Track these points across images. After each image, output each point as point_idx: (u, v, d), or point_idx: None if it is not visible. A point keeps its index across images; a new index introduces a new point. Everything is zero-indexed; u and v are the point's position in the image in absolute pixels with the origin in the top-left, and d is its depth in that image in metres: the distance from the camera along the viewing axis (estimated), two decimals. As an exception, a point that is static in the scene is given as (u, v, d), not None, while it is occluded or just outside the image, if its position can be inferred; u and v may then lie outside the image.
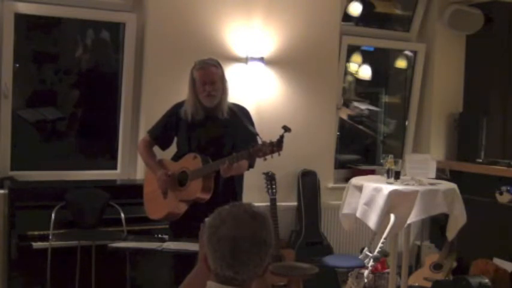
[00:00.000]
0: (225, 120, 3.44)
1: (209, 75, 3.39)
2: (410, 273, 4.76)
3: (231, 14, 4.71)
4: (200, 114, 3.44)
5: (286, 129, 3.09)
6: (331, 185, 5.23)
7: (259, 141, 3.19)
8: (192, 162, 3.38)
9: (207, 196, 3.31)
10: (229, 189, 3.41)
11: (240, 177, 3.53)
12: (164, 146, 3.65)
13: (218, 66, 3.47)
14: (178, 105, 3.54)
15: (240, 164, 3.28)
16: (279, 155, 3.11)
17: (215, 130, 3.45)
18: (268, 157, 3.13)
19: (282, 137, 3.08)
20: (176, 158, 3.54)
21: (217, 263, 1.69)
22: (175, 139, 3.61)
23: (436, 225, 5.32)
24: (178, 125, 3.52)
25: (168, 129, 3.57)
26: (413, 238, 5.27)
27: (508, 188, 4.78)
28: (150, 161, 3.60)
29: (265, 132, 3.46)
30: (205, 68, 3.41)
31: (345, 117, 5.77)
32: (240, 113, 3.52)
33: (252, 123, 3.56)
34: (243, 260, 1.67)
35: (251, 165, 3.44)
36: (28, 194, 4.06)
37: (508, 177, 4.88)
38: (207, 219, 1.76)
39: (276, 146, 3.09)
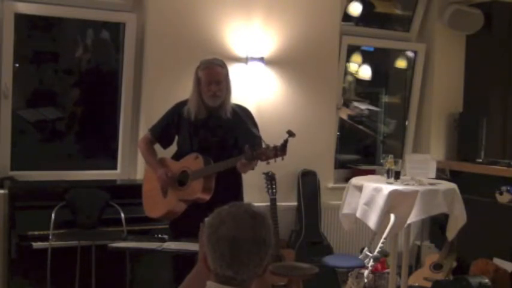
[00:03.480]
0: (228, 120, 3.44)
1: (215, 75, 3.40)
2: (410, 273, 4.75)
3: (231, 14, 4.71)
4: (203, 113, 3.44)
5: (290, 134, 3.07)
6: (331, 185, 5.23)
7: (263, 145, 3.18)
8: (193, 162, 3.38)
9: (207, 197, 3.31)
10: (229, 189, 3.40)
11: (240, 178, 3.53)
12: (165, 145, 3.65)
13: (223, 66, 3.47)
14: (181, 104, 3.54)
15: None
16: (283, 159, 3.10)
17: (218, 130, 3.45)
18: (271, 161, 3.13)
19: (286, 141, 3.07)
20: (177, 157, 3.53)
21: (217, 263, 1.69)
22: (176, 138, 3.60)
23: (436, 225, 5.32)
24: (180, 124, 3.51)
25: (170, 127, 3.57)
26: (413, 238, 5.26)
27: (508, 188, 4.78)
28: (151, 158, 3.60)
29: (265, 132, 3.46)
30: (211, 67, 3.42)
31: (345, 117, 5.76)
32: (242, 114, 3.52)
33: (256, 125, 3.56)
34: (243, 260, 1.67)
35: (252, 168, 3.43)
36: (28, 194, 4.06)
37: (508, 177, 4.88)
38: (206, 219, 1.75)
39: (280, 150, 3.08)
